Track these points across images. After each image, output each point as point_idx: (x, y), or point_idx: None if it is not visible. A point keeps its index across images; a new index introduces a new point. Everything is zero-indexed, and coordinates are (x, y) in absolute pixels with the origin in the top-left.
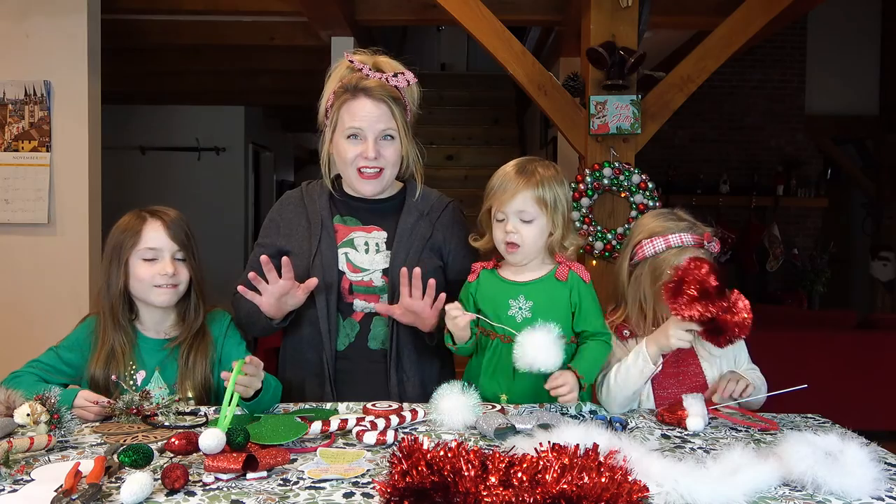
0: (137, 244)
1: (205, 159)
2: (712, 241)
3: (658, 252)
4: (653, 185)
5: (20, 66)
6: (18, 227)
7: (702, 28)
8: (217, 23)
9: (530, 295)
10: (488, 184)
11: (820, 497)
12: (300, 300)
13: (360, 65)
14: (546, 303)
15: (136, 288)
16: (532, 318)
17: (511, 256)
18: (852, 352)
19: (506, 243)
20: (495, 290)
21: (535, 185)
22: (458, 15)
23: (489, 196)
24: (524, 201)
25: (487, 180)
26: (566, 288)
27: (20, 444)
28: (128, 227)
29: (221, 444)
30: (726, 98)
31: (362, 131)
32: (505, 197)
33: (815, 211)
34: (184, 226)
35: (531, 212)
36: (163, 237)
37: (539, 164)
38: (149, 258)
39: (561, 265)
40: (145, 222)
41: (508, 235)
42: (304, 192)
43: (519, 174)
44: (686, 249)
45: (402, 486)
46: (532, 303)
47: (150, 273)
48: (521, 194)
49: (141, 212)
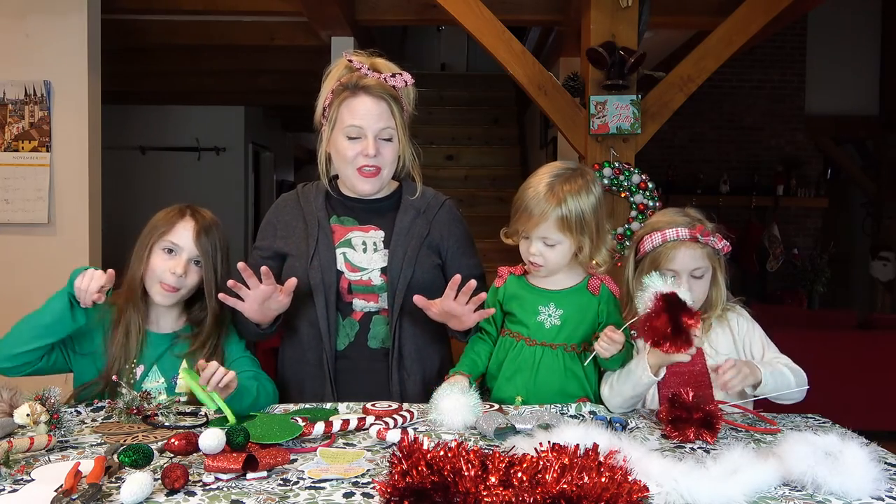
0: (165, 235)
1: (205, 159)
2: (710, 236)
3: (655, 246)
4: (653, 185)
5: (20, 66)
6: (18, 227)
7: (702, 28)
8: (217, 23)
9: (561, 303)
10: (518, 196)
11: (820, 497)
12: (284, 304)
13: (358, 64)
14: (576, 312)
15: (146, 276)
16: (561, 326)
17: (535, 272)
18: (852, 352)
19: (529, 262)
20: (524, 296)
21: (559, 209)
22: (458, 15)
23: (517, 212)
24: (547, 229)
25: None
26: (597, 300)
27: (20, 444)
28: (165, 216)
29: (221, 444)
30: (726, 98)
31: (362, 129)
32: (531, 223)
33: (815, 211)
34: (215, 234)
35: (554, 238)
36: (189, 237)
37: (567, 182)
38: (168, 250)
39: (593, 277)
40: (181, 218)
41: (532, 256)
42: (300, 193)
43: (547, 195)
44: (681, 243)
45: (402, 486)
46: (562, 311)
47: (163, 266)
48: (544, 223)
49: (184, 207)
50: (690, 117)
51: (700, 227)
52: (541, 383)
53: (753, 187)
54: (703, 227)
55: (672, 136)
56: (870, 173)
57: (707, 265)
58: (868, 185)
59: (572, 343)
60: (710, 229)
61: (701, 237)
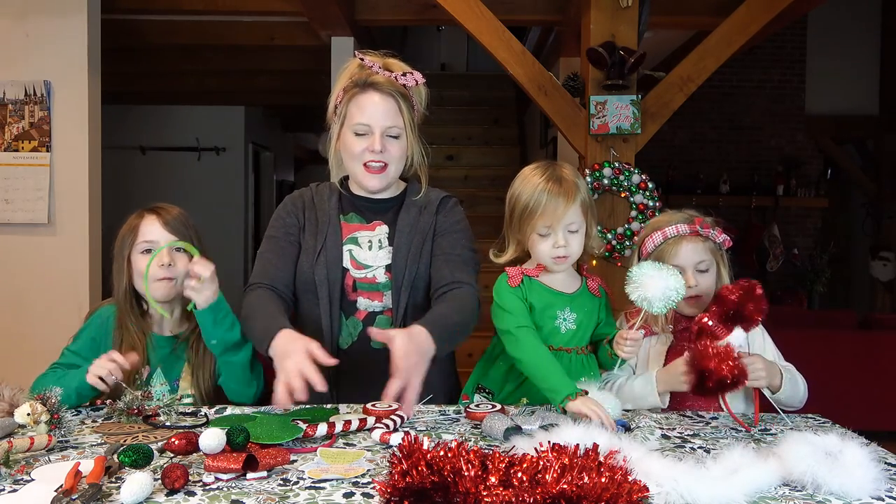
0: (136, 239)
1: (205, 159)
2: (709, 228)
3: (658, 245)
4: (653, 185)
5: (20, 66)
6: (18, 226)
7: (702, 28)
8: (217, 23)
9: (575, 307)
10: (519, 202)
11: (820, 497)
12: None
13: (370, 63)
14: (587, 316)
15: (138, 283)
16: (576, 331)
17: (559, 267)
18: (852, 352)
19: (554, 257)
20: (545, 299)
21: (575, 194)
22: (458, 15)
23: (529, 215)
24: (574, 214)
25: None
26: (598, 302)
27: (20, 444)
28: (128, 225)
29: (221, 444)
30: (726, 98)
31: (369, 126)
32: (557, 213)
33: (815, 211)
34: (183, 220)
35: (578, 222)
36: (159, 230)
37: (562, 170)
38: (147, 250)
39: (588, 279)
40: (142, 219)
41: (558, 250)
42: (315, 192)
43: (557, 186)
44: (682, 238)
45: (402, 486)
46: (576, 315)
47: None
48: (571, 208)
49: (141, 210)
50: (690, 117)
51: (699, 220)
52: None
53: (753, 187)
54: (701, 220)
55: (672, 136)
56: (870, 173)
57: (711, 259)
58: (868, 185)
59: (582, 346)
60: (709, 222)
61: (701, 229)
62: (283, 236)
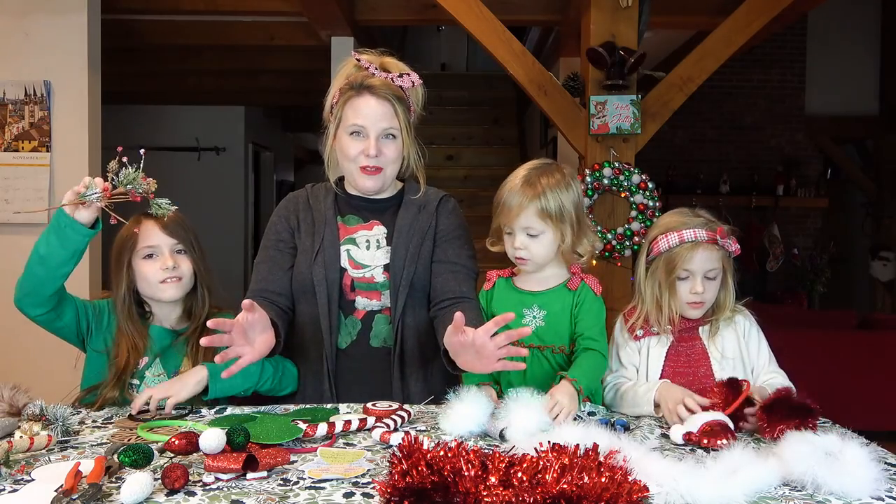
0: (136, 245)
1: (205, 159)
2: (727, 238)
3: (672, 246)
4: (653, 185)
5: (20, 65)
6: (18, 227)
7: (702, 28)
8: (217, 23)
9: (544, 304)
10: (497, 195)
11: (820, 497)
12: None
13: (366, 63)
14: (558, 312)
15: (144, 287)
16: (545, 328)
17: (523, 268)
18: (852, 352)
19: (514, 257)
20: (510, 299)
21: (537, 199)
22: (458, 15)
23: (497, 211)
24: (528, 218)
25: (487, 180)
26: (573, 295)
27: (20, 444)
28: (126, 232)
29: (221, 444)
30: (726, 98)
31: (365, 129)
32: (511, 214)
33: (815, 211)
34: (180, 221)
35: (537, 227)
36: (158, 233)
37: (544, 174)
38: (149, 255)
39: (574, 276)
40: (140, 223)
41: (517, 251)
42: (310, 192)
43: (523, 187)
44: (699, 244)
45: (402, 486)
46: (545, 312)
47: (153, 269)
48: (524, 211)
49: (138, 215)
50: (690, 117)
51: (720, 230)
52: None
53: (753, 187)
54: (722, 230)
55: (672, 136)
56: (869, 173)
57: (720, 267)
58: (868, 185)
59: (560, 345)
60: (727, 230)
61: (720, 239)
62: (273, 245)
